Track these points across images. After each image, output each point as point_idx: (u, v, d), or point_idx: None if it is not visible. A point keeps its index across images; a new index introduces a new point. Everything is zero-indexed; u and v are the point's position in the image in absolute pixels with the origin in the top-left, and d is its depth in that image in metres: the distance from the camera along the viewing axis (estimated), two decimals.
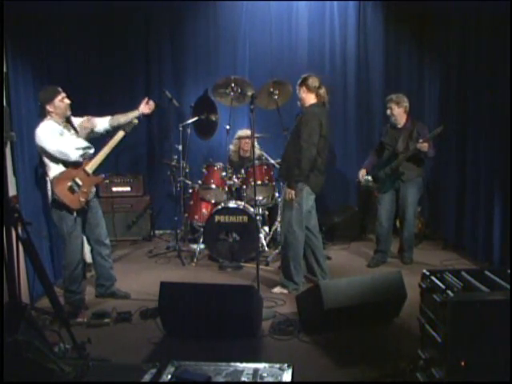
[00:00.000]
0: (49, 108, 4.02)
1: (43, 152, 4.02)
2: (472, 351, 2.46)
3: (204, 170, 5.79)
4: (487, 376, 2.45)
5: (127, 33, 6.50)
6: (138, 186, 6.51)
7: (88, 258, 4.86)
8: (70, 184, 4.05)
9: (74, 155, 4.01)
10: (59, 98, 4.04)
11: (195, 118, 5.88)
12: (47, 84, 4.85)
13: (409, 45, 6.55)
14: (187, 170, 6.06)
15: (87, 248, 4.78)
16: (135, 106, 4.51)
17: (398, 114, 5.09)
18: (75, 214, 4.10)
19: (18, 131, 4.05)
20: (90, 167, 4.18)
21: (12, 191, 3.92)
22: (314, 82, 4.41)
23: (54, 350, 2.89)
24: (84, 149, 4.08)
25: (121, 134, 4.33)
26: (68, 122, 4.16)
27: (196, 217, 5.86)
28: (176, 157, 5.87)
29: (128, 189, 6.46)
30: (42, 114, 4.06)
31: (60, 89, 4.08)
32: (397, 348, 3.36)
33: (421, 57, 6.51)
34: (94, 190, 4.32)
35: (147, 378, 2.46)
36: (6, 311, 2.60)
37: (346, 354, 3.34)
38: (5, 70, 4.09)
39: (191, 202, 5.96)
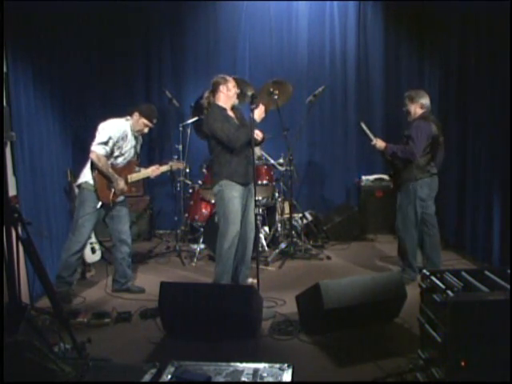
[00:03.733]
0: (135, 116, 4.32)
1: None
2: (472, 351, 2.46)
3: (204, 170, 5.79)
4: (487, 376, 2.45)
5: (127, 33, 6.50)
6: (138, 186, 6.49)
7: (88, 258, 4.87)
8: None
9: (98, 149, 4.19)
10: (147, 122, 4.37)
11: (195, 118, 5.88)
12: (47, 84, 4.89)
13: (409, 45, 6.55)
14: (187, 170, 6.07)
15: (87, 248, 4.79)
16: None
17: (408, 112, 4.67)
18: (100, 204, 4.27)
19: (17, 131, 4.05)
20: (132, 177, 4.45)
21: (12, 191, 3.92)
22: None
23: (53, 350, 2.89)
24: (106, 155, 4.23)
25: (167, 167, 4.82)
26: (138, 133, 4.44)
27: (196, 217, 5.86)
28: (176, 157, 5.87)
29: None
30: (131, 112, 4.35)
31: (155, 120, 4.44)
32: (397, 348, 3.36)
33: (421, 57, 6.51)
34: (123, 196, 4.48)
35: (147, 377, 2.47)
36: (6, 311, 2.60)
37: (346, 353, 3.33)
38: (5, 70, 4.09)
39: (191, 202, 5.96)
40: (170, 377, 2.48)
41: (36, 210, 4.49)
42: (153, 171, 4.65)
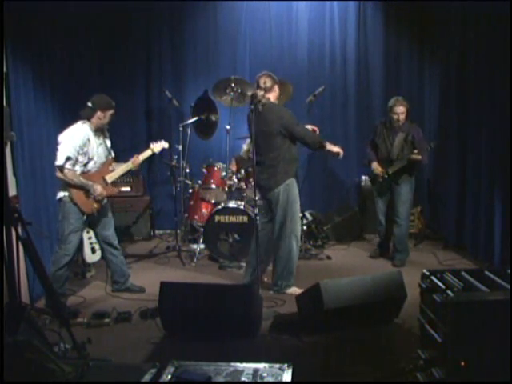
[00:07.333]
0: (99, 114, 4.14)
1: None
2: (472, 351, 2.46)
3: (204, 170, 5.79)
4: (487, 376, 2.45)
5: (127, 32, 6.51)
6: (138, 186, 6.50)
7: (88, 258, 4.87)
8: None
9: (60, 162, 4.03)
10: (111, 112, 4.20)
11: (195, 118, 5.88)
12: (47, 84, 4.88)
13: (409, 45, 6.55)
14: (187, 170, 6.06)
15: (87, 248, 4.79)
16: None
17: (404, 115, 5.12)
18: (85, 216, 4.21)
19: (17, 131, 4.06)
20: (110, 177, 4.31)
21: (12, 191, 3.92)
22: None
23: (53, 350, 2.89)
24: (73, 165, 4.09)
25: (148, 152, 4.54)
26: (101, 131, 4.27)
27: (196, 217, 5.86)
28: (176, 157, 5.87)
29: (128, 189, 6.45)
30: (86, 115, 4.14)
31: (114, 103, 4.23)
32: (397, 348, 3.36)
33: (421, 57, 6.51)
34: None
35: (147, 378, 2.46)
36: (6, 311, 2.61)
37: (346, 354, 3.33)
38: (5, 70, 4.09)
39: (191, 202, 5.96)
40: (169, 377, 2.47)
41: (36, 210, 4.49)
42: (133, 162, 4.43)
